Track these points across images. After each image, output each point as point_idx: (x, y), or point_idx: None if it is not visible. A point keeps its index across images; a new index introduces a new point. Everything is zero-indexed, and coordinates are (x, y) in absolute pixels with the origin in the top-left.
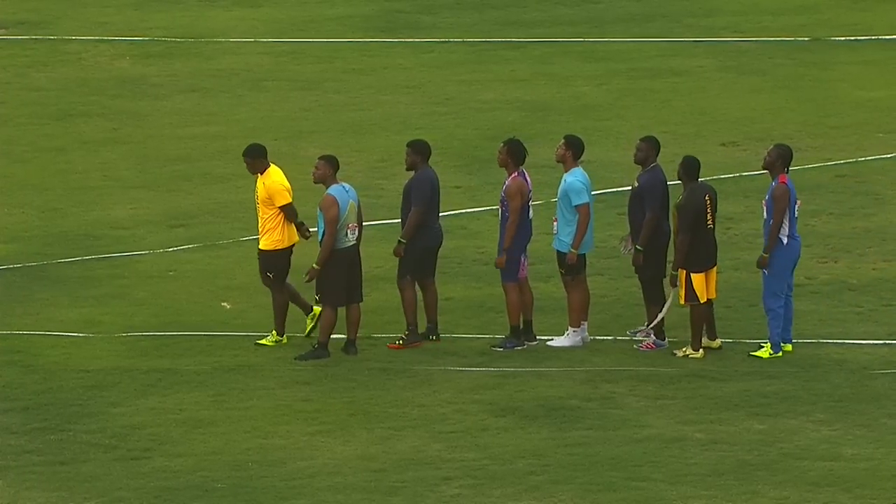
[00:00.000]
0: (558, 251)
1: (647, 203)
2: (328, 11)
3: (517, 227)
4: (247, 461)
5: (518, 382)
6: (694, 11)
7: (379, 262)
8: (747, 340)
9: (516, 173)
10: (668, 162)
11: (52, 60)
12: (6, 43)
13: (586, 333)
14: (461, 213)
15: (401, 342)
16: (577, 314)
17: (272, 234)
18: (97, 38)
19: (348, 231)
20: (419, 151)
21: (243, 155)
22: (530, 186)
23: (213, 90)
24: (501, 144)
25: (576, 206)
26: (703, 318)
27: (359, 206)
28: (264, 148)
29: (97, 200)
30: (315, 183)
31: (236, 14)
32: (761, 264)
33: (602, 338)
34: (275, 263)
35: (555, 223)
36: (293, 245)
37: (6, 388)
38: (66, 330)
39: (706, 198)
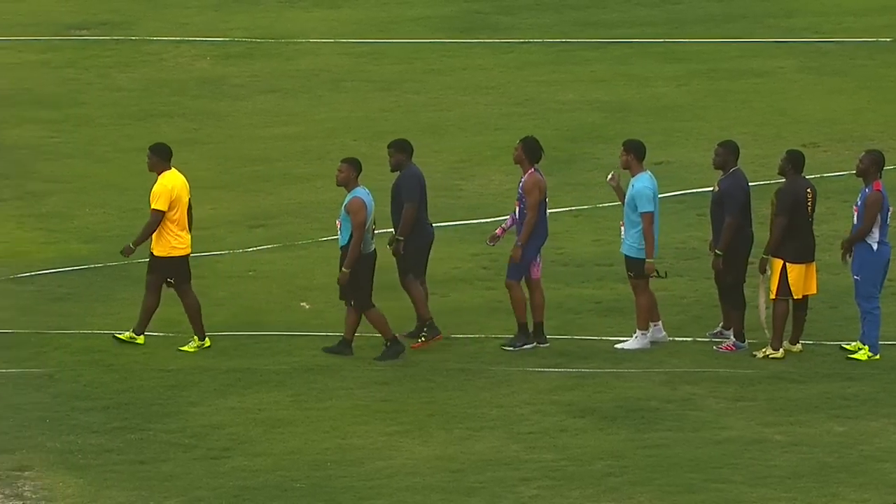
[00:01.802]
0: (626, 256)
1: (726, 208)
2: (408, 12)
3: (534, 225)
4: (325, 461)
5: (597, 383)
6: (774, 12)
7: (457, 262)
8: (828, 343)
9: (532, 170)
10: (749, 163)
11: (134, 61)
12: (88, 43)
13: (663, 333)
14: None
15: (423, 339)
16: (645, 317)
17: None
18: (178, 39)
19: (372, 234)
20: (402, 150)
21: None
22: (545, 184)
23: (292, 91)
24: (518, 142)
25: (641, 213)
26: (784, 316)
27: None
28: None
29: None
30: (338, 185)
31: (316, 15)
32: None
33: (681, 339)
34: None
35: (622, 227)
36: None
37: (87, 387)
38: (147, 330)
39: (807, 190)
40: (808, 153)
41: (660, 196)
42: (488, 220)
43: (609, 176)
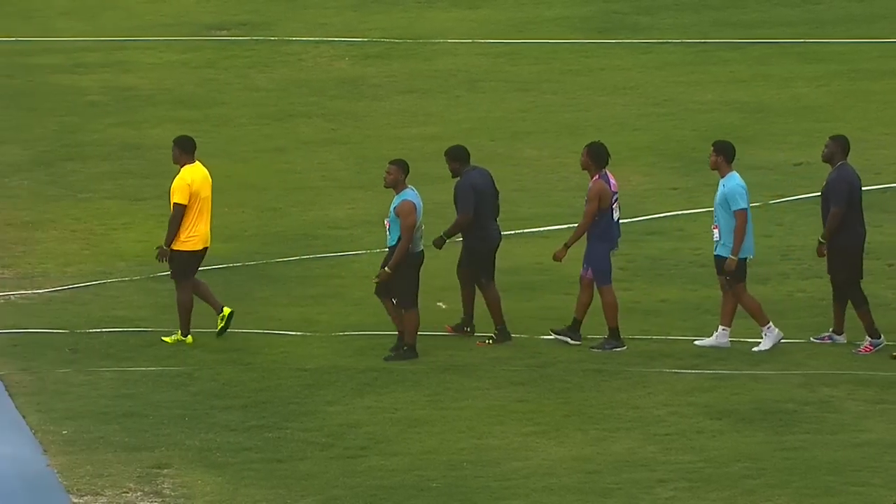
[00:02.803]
0: (720, 257)
1: (832, 200)
2: (546, 12)
3: (600, 229)
4: (462, 461)
5: (734, 385)
6: None
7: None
8: None
9: (598, 176)
10: (890, 164)
11: (273, 61)
12: (228, 44)
13: (777, 331)
14: (677, 214)
15: (490, 341)
16: (762, 314)
17: None
18: (317, 40)
19: (421, 234)
20: (455, 157)
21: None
22: (615, 188)
23: (430, 91)
24: (584, 147)
25: (734, 211)
26: None
27: None
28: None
29: (315, 200)
30: (386, 187)
31: (454, 15)
32: None
33: (819, 341)
34: None
35: (715, 230)
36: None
37: (226, 385)
38: (283, 329)
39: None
40: None
41: (801, 197)
42: (626, 220)
43: None
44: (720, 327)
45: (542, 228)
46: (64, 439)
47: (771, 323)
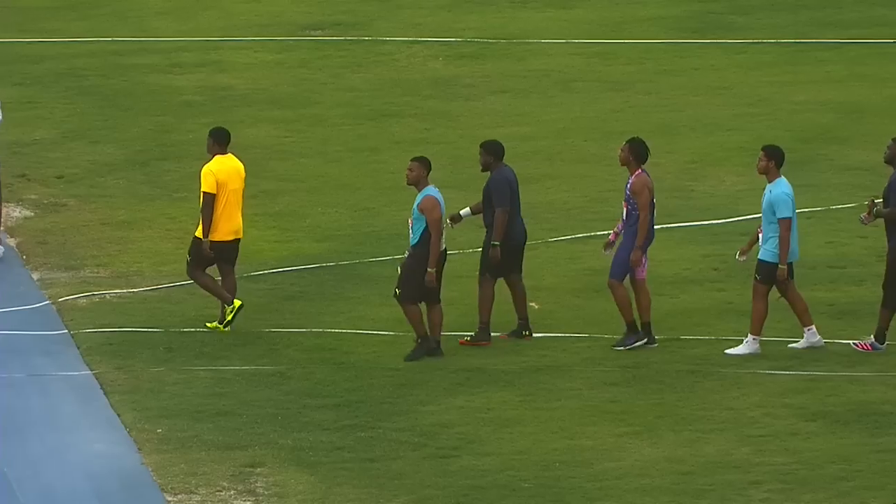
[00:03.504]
0: (762, 261)
1: (891, 200)
2: (640, 12)
3: (633, 226)
4: (554, 461)
5: (829, 387)
6: None
7: (687, 264)
8: None
9: (639, 171)
10: None
11: (367, 61)
12: (322, 44)
13: (818, 337)
14: None
15: (469, 339)
16: (806, 317)
17: None
18: (411, 40)
19: (443, 232)
20: (491, 151)
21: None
22: (652, 184)
23: (523, 91)
24: (624, 143)
25: (778, 219)
26: None
27: None
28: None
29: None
30: (408, 185)
31: (548, 15)
32: None
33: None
34: None
35: (759, 233)
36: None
37: (318, 385)
38: (376, 328)
39: None
40: None
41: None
42: (719, 221)
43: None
44: (805, 329)
45: None
46: (158, 438)
47: (759, 339)
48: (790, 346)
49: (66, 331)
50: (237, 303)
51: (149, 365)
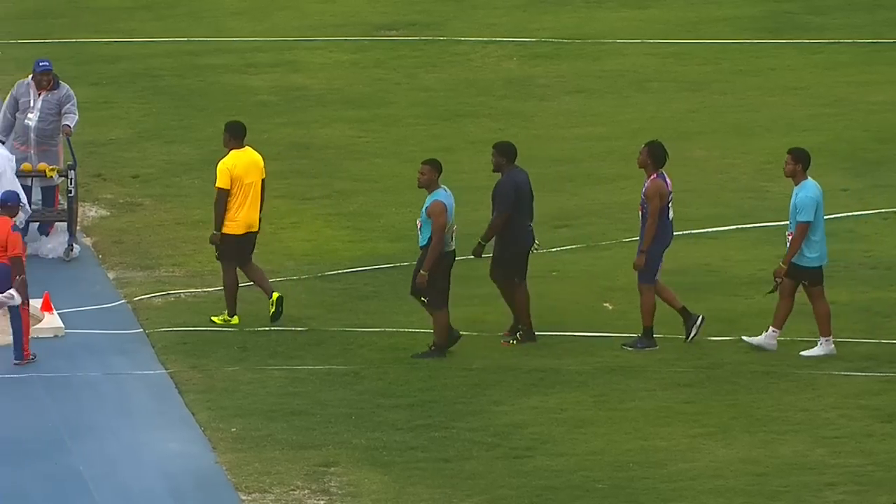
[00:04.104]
0: (801, 267)
1: None
2: (715, 12)
3: (658, 229)
4: (628, 462)
5: None
6: None
7: (762, 264)
8: None
9: (655, 175)
10: None
11: (441, 61)
12: (397, 44)
13: (775, 344)
14: (847, 216)
15: (512, 342)
16: (780, 320)
17: None
18: (486, 40)
19: (453, 235)
20: (503, 153)
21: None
22: (670, 188)
23: (598, 91)
24: (643, 146)
25: (798, 221)
26: None
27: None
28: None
29: (483, 200)
30: (419, 188)
31: (623, 15)
32: None
33: None
34: None
35: (789, 237)
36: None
37: (392, 384)
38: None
39: None
40: None
41: None
42: None
43: None
44: (822, 339)
45: (710, 230)
46: (232, 437)
47: (831, 339)
48: (801, 353)
49: (141, 330)
50: (275, 296)
51: (223, 364)
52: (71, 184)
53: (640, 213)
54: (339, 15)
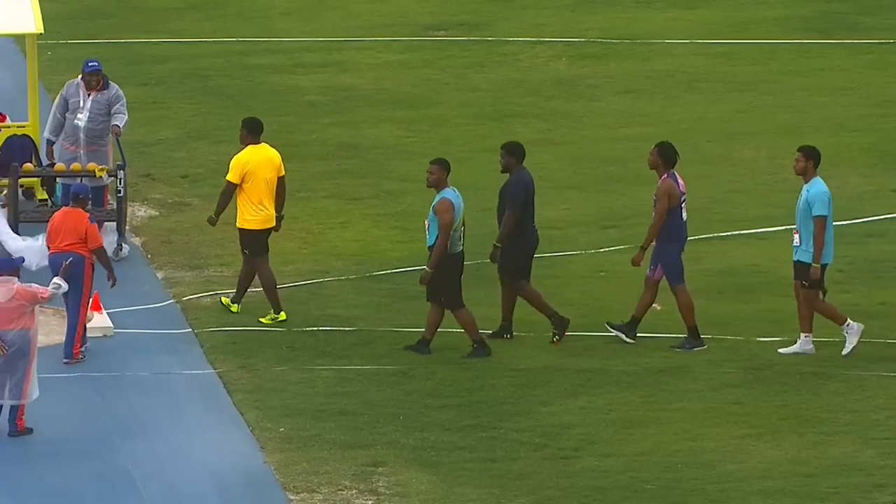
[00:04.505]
0: (799, 262)
1: None
2: (765, 13)
3: (669, 229)
4: (676, 463)
5: None
6: None
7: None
8: None
9: (666, 175)
10: None
11: (490, 62)
12: (445, 44)
13: (857, 325)
14: None
15: (557, 339)
16: (837, 316)
17: None
18: (534, 40)
19: (461, 236)
20: (512, 153)
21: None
22: (683, 189)
23: (647, 91)
24: (653, 147)
25: (814, 217)
26: None
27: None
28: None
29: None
30: (428, 187)
31: (672, 15)
32: None
33: None
34: None
35: (796, 235)
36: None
37: (440, 384)
38: (497, 328)
39: None
40: None
41: None
42: (844, 222)
43: None
44: (802, 335)
45: (759, 230)
46: (281, 436)
47: (849, 319)
48: (779, 350)
49: (189, 329)
50: (235, 308)
51: (271, 364)
52: (120, 184)
53: (654, 213)
54: (387, 15)
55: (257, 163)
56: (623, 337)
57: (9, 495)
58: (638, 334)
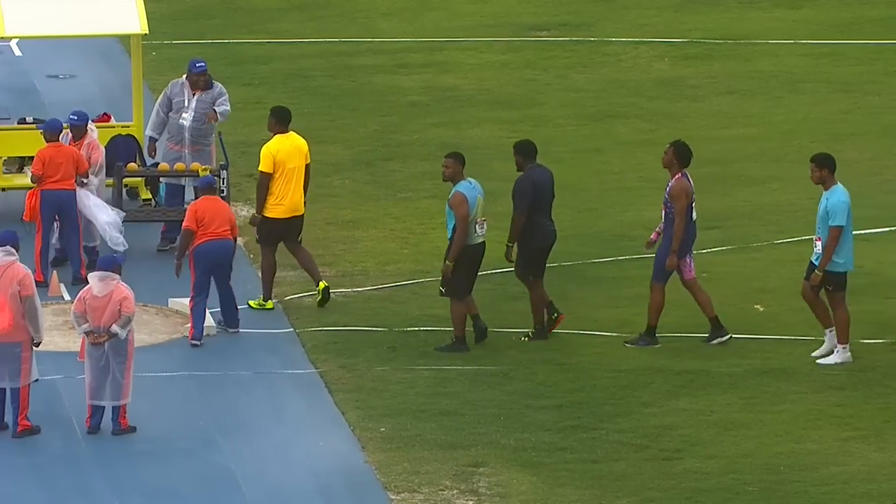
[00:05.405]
0: (827, 271)
1: None
2: (869, 12)
3: (684, 231)
4: (778, 465)
5: None
6: None
7: None
8: None
9: (680, 174)
10: None
11: (592, 62)
12: (548, 45)
13: (848, 354)
14: None
15: (526, 339)
16: (846, 331)
17: None
18: (636, 40)
19: (477, 227)
20: (521, 151)
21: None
22: (692, 188)
23: (750, 92)
24: (668, 145)
25: (831, 226)
26: None
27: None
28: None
29: (632, 201)
30: (444, 181)
31: (775, 15)
32: None
33: None
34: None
35: (818, 242)
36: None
37: (541, 385)
38: (600, 329)
39: None
40: None
41: None
42: None
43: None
44: (840, 346)
45: (863, 231)
46: (381, 436)
47: (848, 345)
48: (818, 361)
49: (291, 329)
50: (322, 285)
51: (372, 364)
52: (223, 183)
53: (663, 211)
54: (489, 15)
55: (287, 151)
56: (720, 340)
57: (112, 493)
58: (741, 335)
